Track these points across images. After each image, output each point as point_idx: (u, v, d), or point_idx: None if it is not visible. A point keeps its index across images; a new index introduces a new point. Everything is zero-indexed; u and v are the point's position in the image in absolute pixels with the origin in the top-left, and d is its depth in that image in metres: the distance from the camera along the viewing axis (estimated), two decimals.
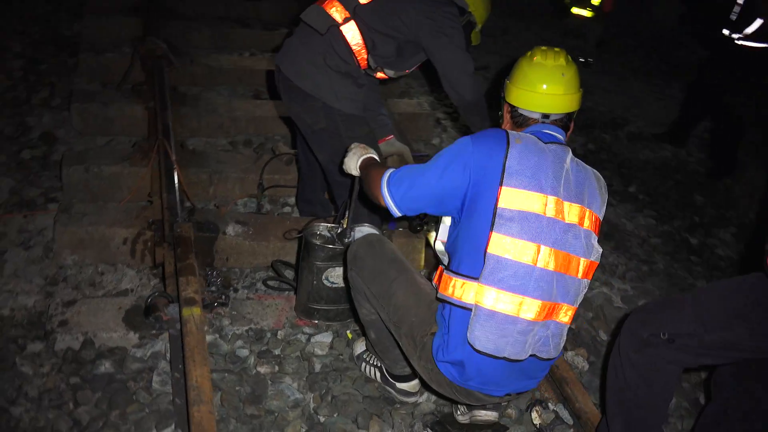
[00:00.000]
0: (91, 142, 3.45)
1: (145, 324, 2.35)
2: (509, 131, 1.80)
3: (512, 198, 1.69)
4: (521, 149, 1.74)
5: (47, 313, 2.32)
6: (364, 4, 2.52)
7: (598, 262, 1.85)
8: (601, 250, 1.85)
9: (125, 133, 3.64)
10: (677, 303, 1.87)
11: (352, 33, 2.51)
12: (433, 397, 2.32)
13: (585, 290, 1.86)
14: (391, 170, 1.90)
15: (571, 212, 1.76)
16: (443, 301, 1.81)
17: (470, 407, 2.17)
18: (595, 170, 1.90)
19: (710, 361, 1.85)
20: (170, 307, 2.35)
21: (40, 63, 4.08)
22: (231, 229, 2.94)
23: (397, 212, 1.90)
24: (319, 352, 2.42)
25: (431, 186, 1.81)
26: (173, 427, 2.01)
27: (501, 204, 1.70)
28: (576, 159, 1.84)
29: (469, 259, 1.76)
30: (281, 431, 2.08)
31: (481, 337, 1.72)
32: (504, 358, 1.75)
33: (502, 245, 1.70)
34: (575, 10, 6.58)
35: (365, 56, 2.56)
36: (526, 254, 1.70)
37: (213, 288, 2.66)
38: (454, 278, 1.77)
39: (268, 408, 2.14)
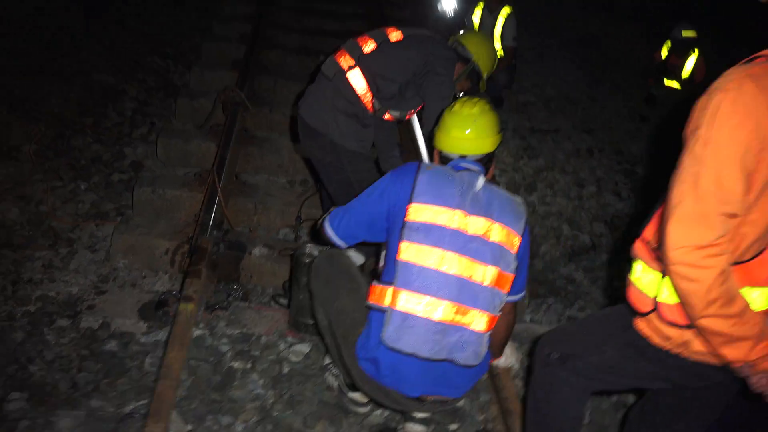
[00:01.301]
0: (169, 171, 4.07)
1: (155, 316, 2.78)
2: (422, 162, 2.05)
3: (419, 212, 1.95)
4: (430, 174, 2.00)
5: (81, 299, 2.84)
6: (368, 54, 2.88)
7: (512, 274, 2.00)
8: (515, 264, 2.01)
9: (199, 165, 4.23)
10: (573, 324, 1.96)
11: (356, 78, 2.88)
12: (386, 412, 2.50)
13: (501, 301, 2.01)
14: (331, 211, 2.22)
15: (476, 224, 1.96)
16: (369, 308, 2.06)
17: (404, 420, 2.34)
18: (515, 196, 2.10)
19: (600, 385, 1.90)
20: (176, 304, 2.77)
21: (149, 105, 4.88)
22: (257, 251, 3.35)
23: (340, 243, 2.20)
24: (293, 358, 2.70)
25: (359, 213, 2.13)
26: (148, 400, 2.37)
27: (409, 217, 1.96)
28: (491, 185, 2.06)
29: (387, 268, 2.02)
30: (235, 416, 2.37)
31: (393, 335, 1.95)
32: (413, 355, 1.95)
33: (409, 252, 1.94)
34: (667, 83, 6.51)
35: (370, 99, 2.91)
36: (430, 258, 1.94)
37: (230, 297, 3.06)
38: (377, 286, 2.03)
39: (230, 396, 2.47)
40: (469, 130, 2.11)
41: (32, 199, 3.56)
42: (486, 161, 2.15)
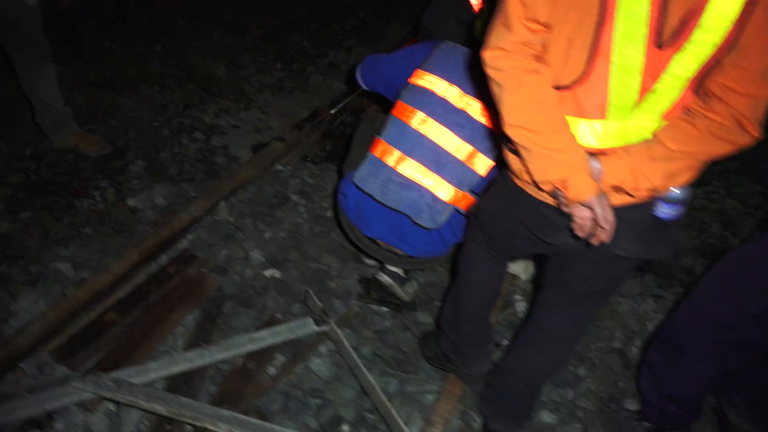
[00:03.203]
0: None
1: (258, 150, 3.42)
2: (447, 41, 2.24)
3: (421, 77, 2.19)
4: (446, 50, 2.21)
5: (222, 129, 3.62)
6: None
7: (493, 162, 2.10)
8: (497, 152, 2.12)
9: None
10: None
11: None
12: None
13: (472, 180, 2.14)
14: (367, 57, 2.54)
15: (471, 104, 2.10)
16: None
17: (380, 270, 2.59)
18: None
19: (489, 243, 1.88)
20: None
21: (369, 26, 5.59)
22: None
23: (363, 85, 2.52)
24: None
25: (385, 69, 2.43)
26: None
27: (411, 79, 2.20)
28: None
29: (385, 123, 2.31)
30: (270, 228, 2.89)
31: (361, 176, 2.26)
32: (370, 196, 2.23)
33: (398, 109, 2.22)
34: None
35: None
36: (406, 116, 2.18)
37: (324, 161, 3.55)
38: (376, 137, 2.34)
39: (275, 214, 3.01)
40: None
41: (239, 65, 4.49)
42: None
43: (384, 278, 2.53)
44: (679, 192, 1.39)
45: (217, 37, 4.69)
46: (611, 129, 1.37)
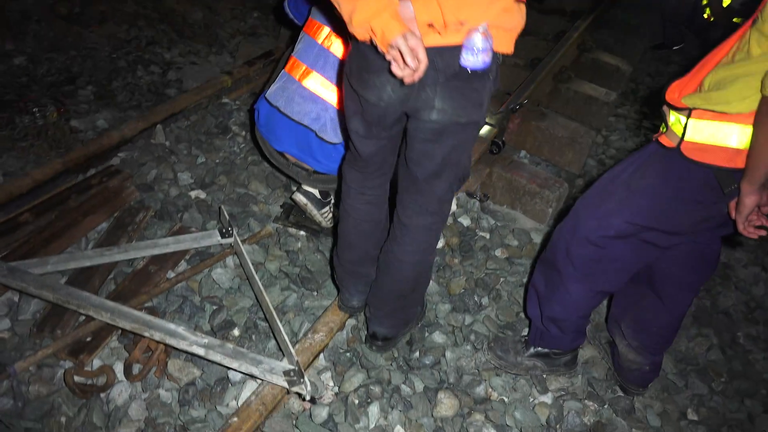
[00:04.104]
0: None
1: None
2: None
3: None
4: None
5: (179, 66, 3.69)
6: None
7: None
8: None
9: None
10: None
11: None
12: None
13: None
14: None
15: None
16: None
17: (297, 190, 2.64)
18: None
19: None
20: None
21: None
22: None
23: (289, 13, 2.57)
24: None
25: None
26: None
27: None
28: None
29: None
30: (204, 154, 2.97)
31: (271, 90, 2.33)
32: (278, 109, 2.29)
33: (307, 25, 2.29)
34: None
35: None
36: (314, 31, 2.27)
37: None
38: None
39: (213, 142, 3.05)
40: None
41: (216, 11, 4.55)
42: None
43: (299, 198, 2.59)
44: (480, 39, 1.40)
45: None
46: None
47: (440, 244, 2.71)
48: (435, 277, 2.55)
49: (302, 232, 2.65)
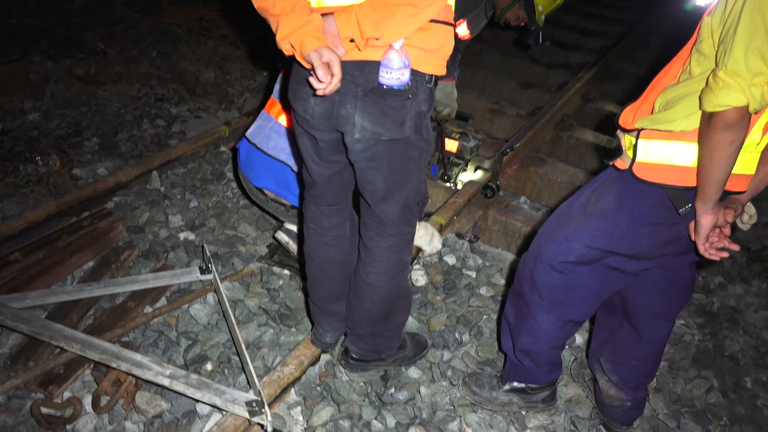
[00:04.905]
0: None
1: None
2: None
3: None
4: None
5: (184, 120, 3.85)
6: None
7: None
8: None
9: None
10: None
11: None
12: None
13: None
14: None
15: None
16: None
17: (279, 229, 2.69)
18: None
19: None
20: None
21: None
22: None
23: None
24: None
25: None
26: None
27: None
28: None
29: None
30: (199, 198, 3.04)
31: (251, 129, 2.45)
32: (256, 146, 2.38)
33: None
34: None
35: None
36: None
37: None
38: None
39: (208, 189, 3.14)
40: None
41: (227, 71, 4.77)
42: None
43: (281, 236, 2.62)
44: (396, 57, 1.44)
45: (210, 47, 5.01)
46: None
47: (423, 281, 2.69)
48: (416, 315, 2.52)
49: (286, 271, 2.67)
